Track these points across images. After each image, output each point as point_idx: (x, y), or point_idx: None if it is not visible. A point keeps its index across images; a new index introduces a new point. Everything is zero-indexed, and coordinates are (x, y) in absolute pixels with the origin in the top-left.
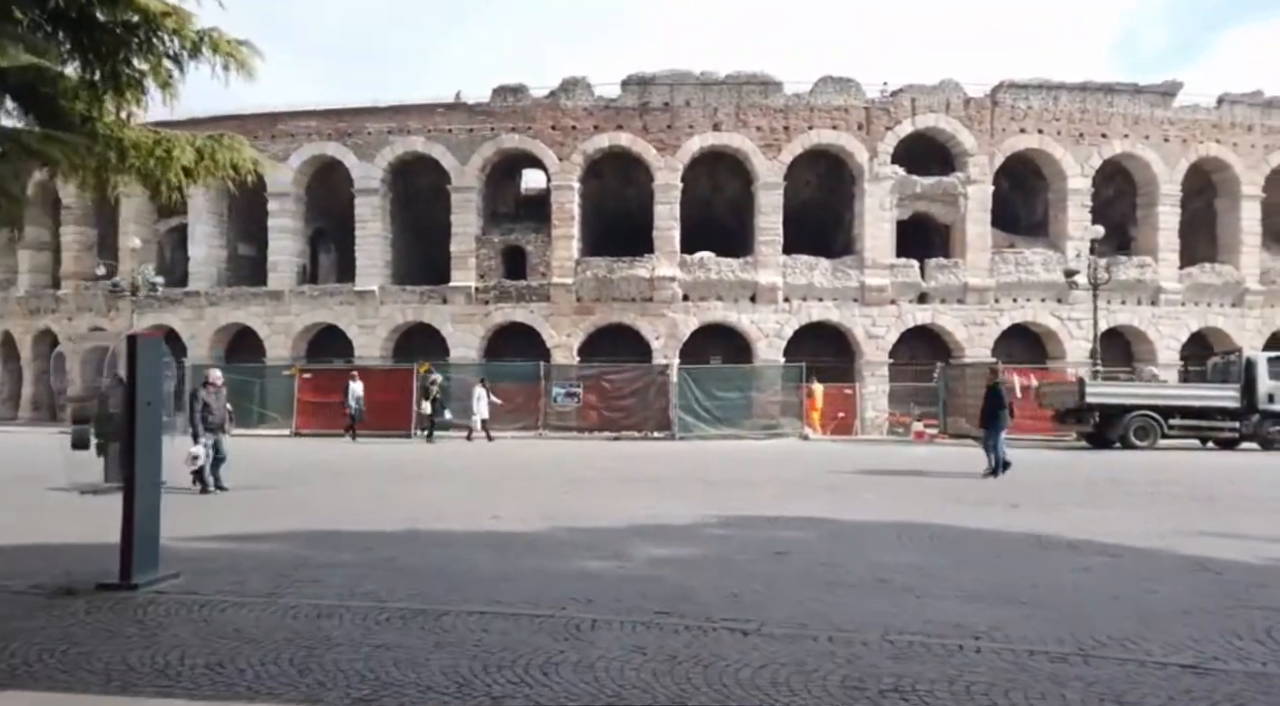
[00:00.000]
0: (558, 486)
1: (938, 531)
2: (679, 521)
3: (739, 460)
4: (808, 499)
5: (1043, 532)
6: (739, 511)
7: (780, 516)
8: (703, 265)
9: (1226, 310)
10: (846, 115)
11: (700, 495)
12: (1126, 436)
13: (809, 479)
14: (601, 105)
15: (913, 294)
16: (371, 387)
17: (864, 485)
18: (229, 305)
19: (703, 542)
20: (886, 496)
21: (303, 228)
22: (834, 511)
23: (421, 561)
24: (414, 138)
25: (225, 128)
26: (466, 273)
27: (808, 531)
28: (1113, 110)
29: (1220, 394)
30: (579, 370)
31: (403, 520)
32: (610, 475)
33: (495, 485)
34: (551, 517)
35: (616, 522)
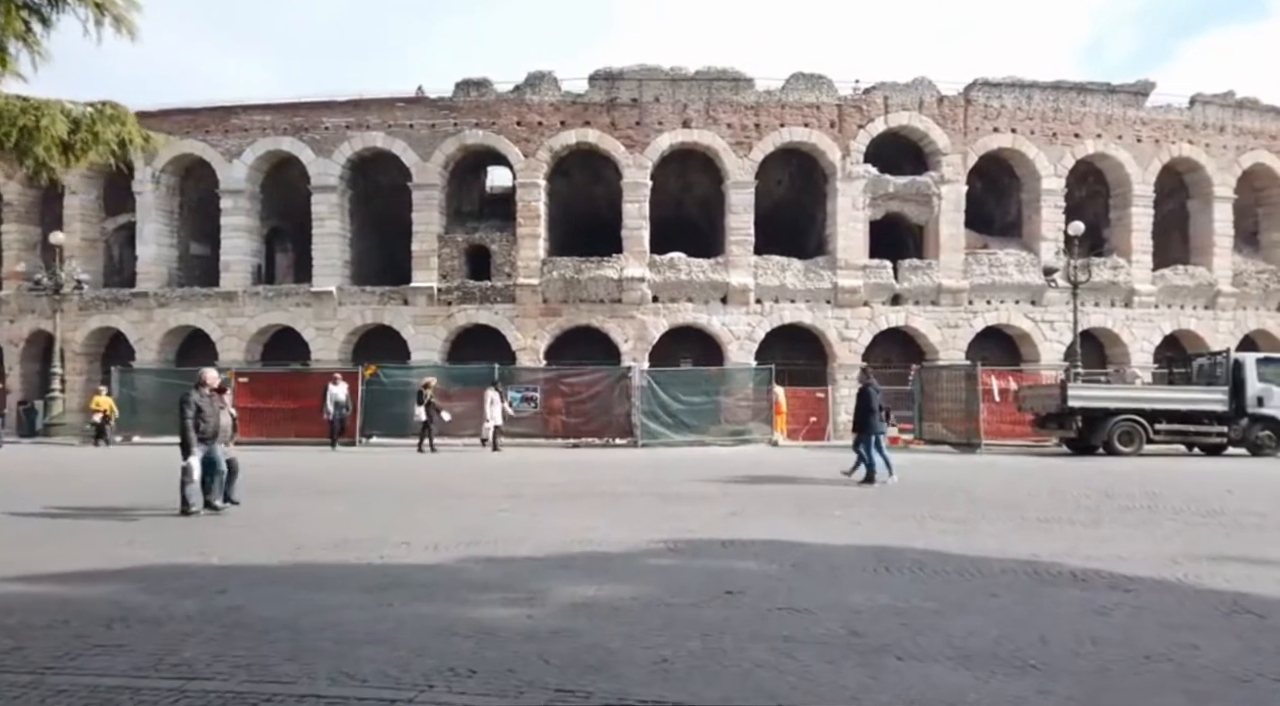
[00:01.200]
0: (494, 503)
1: (920, 559)
2: (618, 547)
3: (701, 469)
4: (771, 516)
5: (1040, 559)
6: (690, 533)
7: (737, 540)
8: (673, 266)
9: (1199, 312)
10: (818, 113)
11: (651, 512)
12: (1110, 442)
13: (774, 491)
14: (568, 101)
15: (886, 295)
16: (312, 392)
17: (834, 498)
18: (179, 307)
19: (639, 578)
20: (860, 512)
21: (258, 226)
22: (800, 533)
23: (277, 610)
24: (374, 133)
25: (175, 122)
26: (428, 273)
27: (767, 561)
28: (1085, 110)
29: (1208, 397)
30: (535, 373)
31: (289, 549)
32: (557, 489)
33: (423, 501)
34: (471, 543)
35: (544, 550)
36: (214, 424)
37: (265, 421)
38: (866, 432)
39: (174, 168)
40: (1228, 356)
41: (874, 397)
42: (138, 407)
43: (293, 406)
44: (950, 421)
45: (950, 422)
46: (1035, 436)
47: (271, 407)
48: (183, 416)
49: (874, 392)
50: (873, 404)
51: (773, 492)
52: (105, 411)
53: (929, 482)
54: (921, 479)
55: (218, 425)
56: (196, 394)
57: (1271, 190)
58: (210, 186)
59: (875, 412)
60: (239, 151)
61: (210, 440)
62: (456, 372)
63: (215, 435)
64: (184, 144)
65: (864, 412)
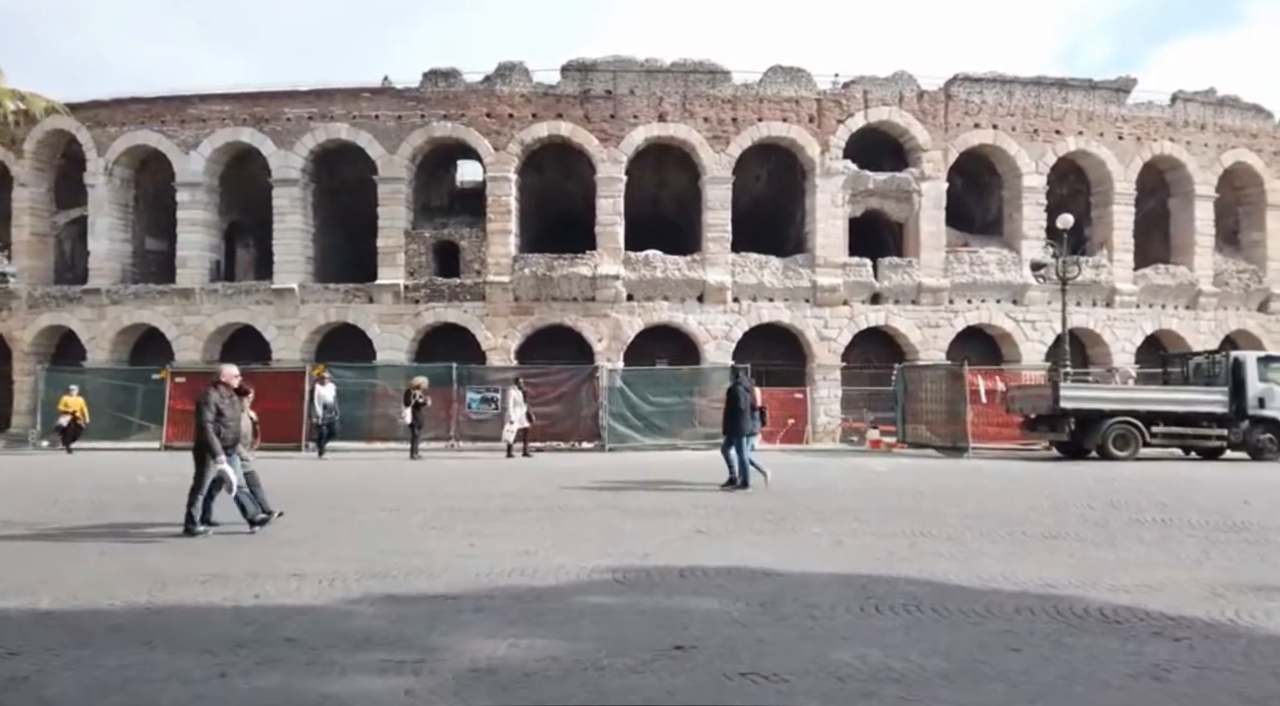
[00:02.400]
0: (426, 519)
1: (915, 594)
2: (554, 578)
3: (669, 477)
4: (740, 534)
5: (1058, 591)
6: (645, 559)
7: (698, 568)
8: (648, 263)
9: (1181, 312)
10: (797, 107)
11: (603, 531)
12: (1105, 445)
13: (746, 503)
14: (540, 92)
15: (866, 294)
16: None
17: (813, 511)
18: (133, 304)
19: (570, 625)
20: (841, 529)
21: (217, 221)
22: (772, 556)
23: (68, 686)
24: (337, 124)
25: (129, 112)
26: (395, 269)
27: (731, 597)
28: (1067, 106)
29: (1207, 398)
30: (497, 373)
31: (148, 584)
32: (505, 500)
33: (348, 517)
34: (378, 574)
35: (464, 583)
36: (235, 429)
37: None
38: (734, 435)
39: (128, 160)
40: (1227, 355)
41: (742, 397)
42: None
43: None
44: (935, 424)
45: (935, 425)
46: (1023, 439)
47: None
48: (201, 419)
49: (743, 392)
50: (741, 404)
51: (744, 505)
52: (76, 413)
53: (916, 492)
54: (908, 487)
55: (239, 430)
56: (216, 393)
57: (1252, 189)
58: (167, 179)
59: (744, 413)
60: (196, 143)
61: (231, 448)
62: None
63: (236, 442)
64: (139, 135)
65: (732, 413)
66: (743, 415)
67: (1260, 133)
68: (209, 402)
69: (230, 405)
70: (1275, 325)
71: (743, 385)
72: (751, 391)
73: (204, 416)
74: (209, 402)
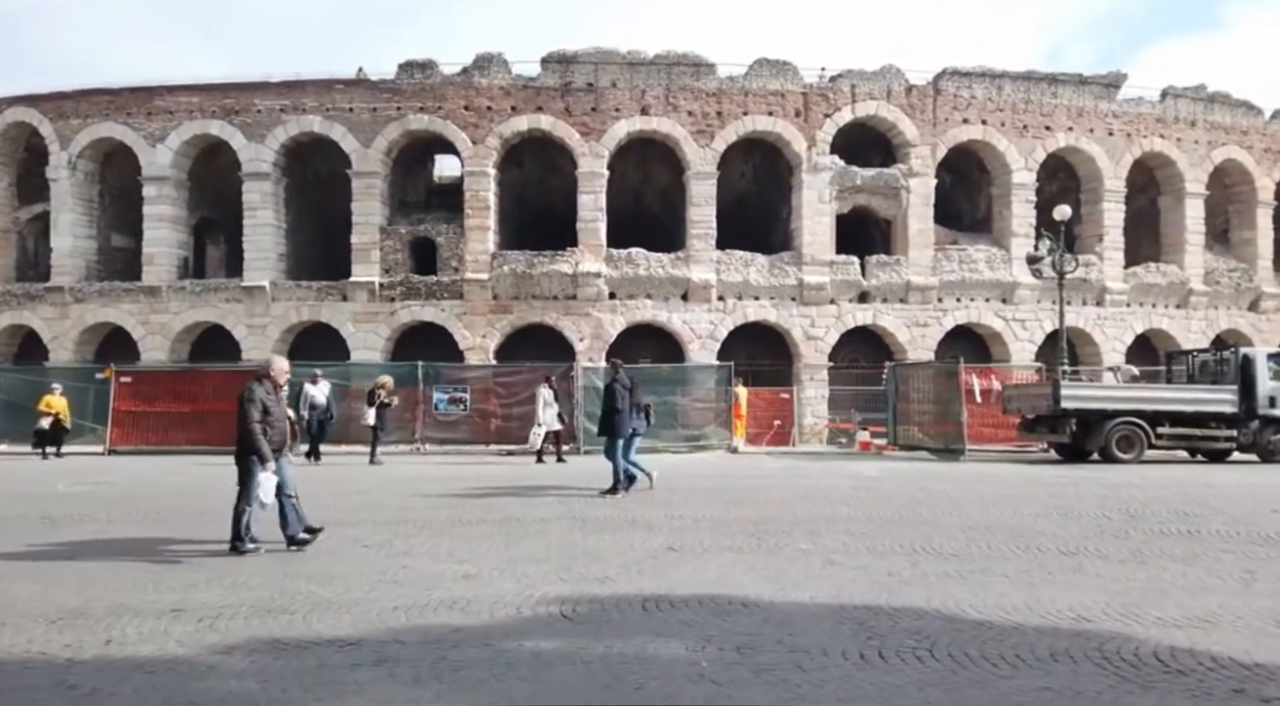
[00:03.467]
0: (361, 534)
1: (926, 630)
2: (489, 613)
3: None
4: (718, 553)
5: (1098, 627)
6: (604, 584)
7: (666, 597)
8: (631, 261)
9: (1171, 311)
10: (783, 101)
11: (561, 547)
12: (1108, 447)
13: (725, 514)
14: (520, 84)
15: (853, 293)
16: (206, 394)
17: (799, 522)
18: (98, 302)
19: (493, 682)
20: (832, 544)
21: (185, 216)
22: (753, 579)
23: None
24: (310, 117)
25: (93, 104)
26: (369, 267)
27: (700, 638)
28: (1057, 102)
29: (1215, 397)
30: (466, 371)
31: None
32: (456, 512)
33: (264, 534)
34: (277, 608)
35: (375, 620)
36: (282, 429)
37: (151, 427)
38: (613, 437)
39: (93, 153)
40: (1236, 352)
41: (620, 395)
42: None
43: (184, 410)
44: (928, 425)
45: (928, 426)
46: (1020, 441)
47: (158, 412)
48: (247, 419)
49: (620, 389)
50: (619, 402)
51: (724, 516)
52: (58, 414)
53: (912, 500)
54: (903, 494)
55: (285, 431)
56: (261, 388)
57: (1242, 187)
58: (133, 173)
59: (623, 412)
60: (163, 135)
61: (278, 451)
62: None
63: (283, 445)
64: (103, 127)
65: (610, 413)
66: (621, 414)
67: (1250, 130)
68: (254, 399)
69: (276, 403)
70: (1266, 324)
71: (620, 382)
72: (633, 388)
73: (249, 415)
74: (254, 399)
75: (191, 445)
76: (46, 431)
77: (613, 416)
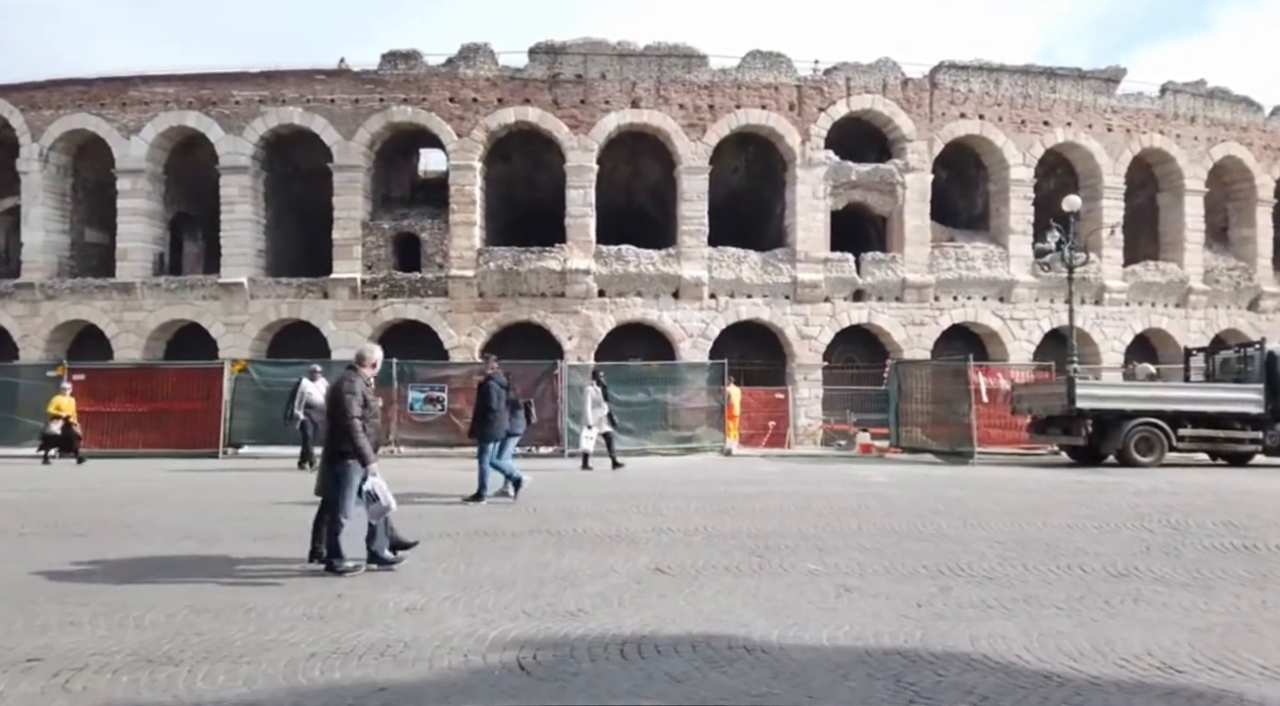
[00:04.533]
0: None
1: (978, 688)
2: (427, 664)
3: (630, 489)
4: (712, 574)
5: (1192, 681)
6: (576, 619)
7: (648, 637)
8: (621, 257)
9: (1171, 310)
10: (777, 94)
11: (530, 570)
12: (1126, 450)
13: (720, 525)
14: (506, 76)
15: (848, 290)
16: (166, 393)
17: (805, 536)
18: (70, 299)
19: None
20: (846, 564)
21: (161, 210)
22: (756, 612)
23: None
24: (290, 108)
25: (66, 95)
26: (351, 263)
27: (693, 702)
28: (1055, 97)
29: (1239, 397)
30: (443, 369)
31: None
32: (418, 524)
33: (194, 552)
34: (163, 657)
35: (279, 674)
36: (379, 427)
37: (105, 428)
38: (485, 440)
39: (65, 145)
40: (1261, 349)
41: (495, 393)
42: None
43: (142, 410)
44: (933, 426)
45: (932, 427)
46: (1029, 443)
47: (114, 412)
48: (346, 413)
49: (496, 387)
50: (493, 401)
51: (718, 529)
52: (69, 417)
53: (928, 509)
54: (916, 503)
55: (380, 430)
56: (360, 379)
57: (1241, 184)
58: (108, 166)
59: (498, 411)
60: (138, 127)
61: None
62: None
63: (378, 446)
64: (76, 118)
65: (483, 413)
66: (495, 414)
67: (1250, 126)
68: (355, 391)
69: (373, 397)
70: (1266, 324)
71: (496, 379)
72: (511, 386)
73: (349, 410)
74: (355, 391)
75: (150, 447)
76: (56, 436)
77: (485, 416)
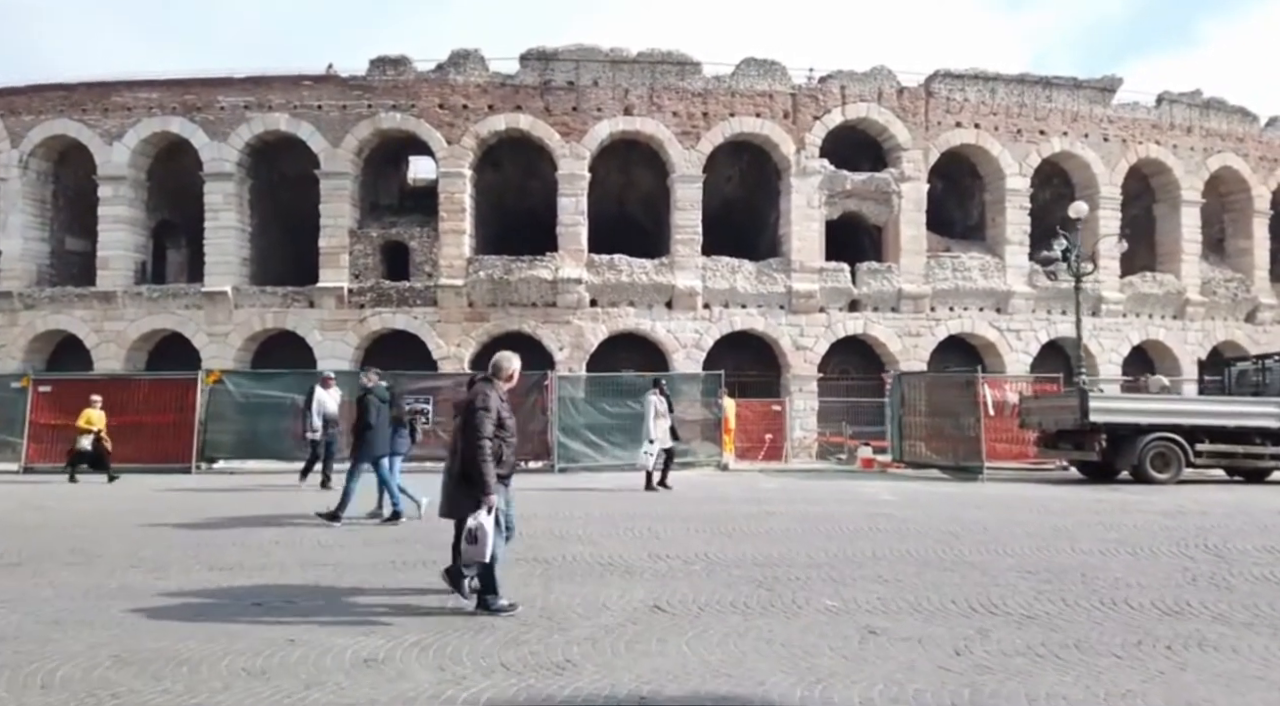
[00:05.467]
0: (259, 588)
1: None
2: None
3: (622, 508)
4: (717, 612)
5: None
6: (560, 675)
7: (653, 699)
8: (613, 266)
9: (1168, 322)
10: (771, 102)
11: (487, 619)
12: (1142, 466)
13: (722, 550)
14: (497, 82)
15: (843, 301)
16: (138, 405)
17: (816, 564)
18: (49, 308)
19: None
20: (866, 599)
21: (143, 218)
22: (772, 663)
23: None
24: (276, 114)
25: (47, 100)
26: (338, 271)
27: None
28: (1051, 106)
29: (1260, 411)
30: (428, 380)
31: None
32: (395, 550)
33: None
34: None
35: None
36: (514, 448)
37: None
38: (359, 459)
39: (45, 151)
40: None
41: (373, 409)
42: None
43: (111, 423)
44: (938, 440)
45: (937, 442)
46: (1036, 457)
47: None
48: (478, 432)
49: (375, 402)
50: (371, 416)
51: (721, 555)
52: (100, 431)
53: (946, 532)
54: (930, 524)
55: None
56: (495, 393)
57: (1238, 195)
58: (90, 173)
59: (375, 428)
60: (120, 133)
61: (506, 478)
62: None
63: (512, 471)
64: (57, 124)
65: (360, 430)
66: (373, 431)
67: (1246, 137)
68: (490, 408)
69: (510, 414)
70: (1263, 336)
71: (376, 393)
72: (393, 400)
73: (482, 429)
74: (490, 408)
75: (120, 461)
76: (87, 452)
77: (362, 433)
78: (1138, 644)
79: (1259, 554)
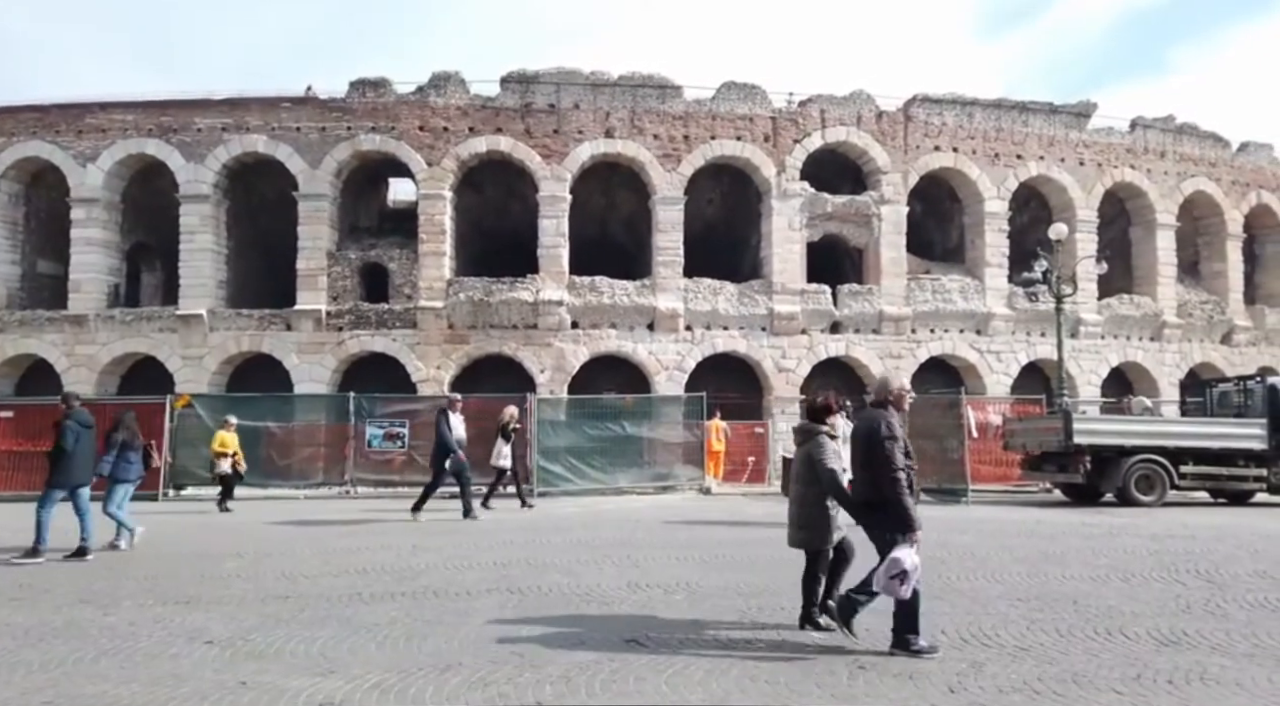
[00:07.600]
0: (221, 616)
1: None
2: None
3: (604, 535)
4: (699, 648)
5: None
6: None
7: None
8: (594, 288)
9: (1145, 344)
10: (752, 125)
11: (480, 644)
12: (1127, 488)
13: (705, 579)
14: (478, 104)
15: (825, 323)
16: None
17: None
18: (18, 332)
19: None
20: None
21: (117, 240)
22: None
23: None
24: (254, 136)
25: (20, 121)
26: (316, 294)
27: None
28: (1028, 130)
29: (1243, 432)
30: (403, 403)
31: None
32: (360, 580)
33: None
34: None
35: None
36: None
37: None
38: (51, 485)
39: (18, 173)
40: (1263, 382)
41: (69, 435)
42: None
43: None
44: (921, 463)
45: (920, 464)
46: (1019, 480)
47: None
48: (890, 467)
49: (75, 427)
50: (66, 443)
51: (704, 584)
52: (235, 454)
53: (932, 558)
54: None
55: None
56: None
57: (1211, 219)
58: (64, 195)
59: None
60: (95, 155)
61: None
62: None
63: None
64: (30, 146)
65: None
66: (69, 458)
67: (1219, 161)
68: (896, 436)
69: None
70: (1239, 358)
71: (77, 419)
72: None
73: (894, 459)
74: (896, 436)
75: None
76: (229, 475)
77: (55, 460)
78: (1137, 677)
79: (1251, 579)
